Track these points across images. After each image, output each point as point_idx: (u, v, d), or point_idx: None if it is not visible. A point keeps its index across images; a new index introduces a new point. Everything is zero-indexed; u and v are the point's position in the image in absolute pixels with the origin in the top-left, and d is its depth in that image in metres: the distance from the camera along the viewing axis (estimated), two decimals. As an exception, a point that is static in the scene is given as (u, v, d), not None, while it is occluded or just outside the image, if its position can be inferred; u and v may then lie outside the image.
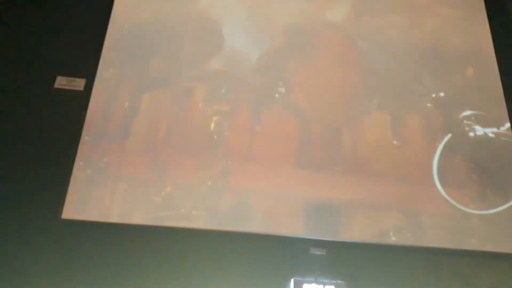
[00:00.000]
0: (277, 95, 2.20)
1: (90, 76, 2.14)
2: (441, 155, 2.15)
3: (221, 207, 1.93)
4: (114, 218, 1.87)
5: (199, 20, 2.34)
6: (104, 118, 2.06)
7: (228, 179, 1.99)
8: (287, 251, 1.91)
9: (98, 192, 1.91)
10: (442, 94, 2.31)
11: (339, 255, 1.93)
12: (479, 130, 2.24)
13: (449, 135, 2.21)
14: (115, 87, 2.13)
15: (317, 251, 1.93)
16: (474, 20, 2.58)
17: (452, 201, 2.07)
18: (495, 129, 2.25)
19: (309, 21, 2.43)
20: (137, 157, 1.99)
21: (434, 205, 2.05)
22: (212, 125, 2.09)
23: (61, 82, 2.13)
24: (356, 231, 1.97)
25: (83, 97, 2.09)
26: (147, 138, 2.03)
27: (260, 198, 1.97)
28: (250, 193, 1.97)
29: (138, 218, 1.88)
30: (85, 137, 2.00)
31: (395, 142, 2.17)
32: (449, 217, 2.04)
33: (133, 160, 1.98)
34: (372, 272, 1.91)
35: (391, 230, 1.98)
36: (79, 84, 2.13)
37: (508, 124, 2.27)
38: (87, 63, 2.18)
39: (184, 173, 1.98)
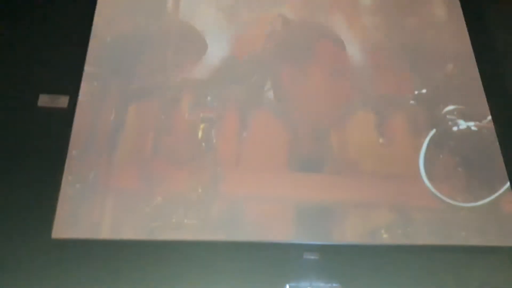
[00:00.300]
0: (263, 100, 2.22)
1: (74, 92, 2.13)
2: (426, 150, 2.18)
3: (212, 215, 1.93)
4: (105, 232, 1.85)
5: (181, 30, 2.34)
6: (91, 132, 2.05)
7: (219, 186, 1.99)
8: (281, 258, 1.91)
9: (88, 206, 1.89)
10: (424, 91, 2.35)
11: (333, 258, 1.94)
12: (462, 124, 2.28)
13: (433, 131, 2.24)
14: (99, 101, 2.12)
15: (310, 256, 1.94)
16: (451, 18, 2.63)
17: (440, 195, 2.09)
18: (477, 122, 2.30)
19: (292, 26, 2.45)
20: (125, 169, 1.98)
21: (423, 200, 2.08)
22: (200, 133, 2.09)
23: (44, 100, 2.11)
24: (348, 231, 1.98)
25: (68, 114, 2.07)
26: (134, 149, 2.03)
27: (251, 204, 1.97)
28: (241, 199, 1.97)
29: (129, 230, 1.87)
30: (72, 151, 1.98)
31: (381, 140, 2.19)
32: (438, 211, 2.06)
33: (122, 172, 1.97)
34: (367, 273, 1.92)
35: (382, 228, 2.00)
36: (63, 101, 2.12)
37: (489, 117, 2.31)
38: (70, 79, 2.16)
39: (174, 183, 1.97)
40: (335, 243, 1.95)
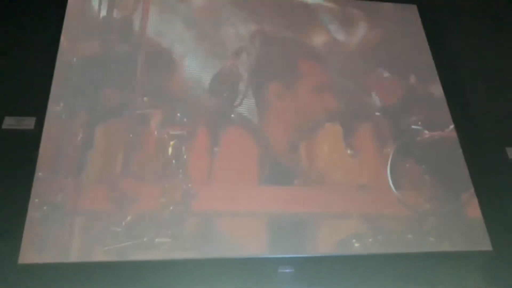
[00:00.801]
0: (232, 115, 2.23)
1: (40, 113, 2.08)
2: (393, 160, 2.24)
3: (184, 232, 1.91)
4: (74, 255, 1.81)
5: (148, 49, 2.34)
6: (58, 154, 2.00)
7: (190, 203, 1.97)
8: (256, 273, 1.91)
9: (56, 228, 1.84)
10: (389, 102, 2.42)
11: (308, 270, 1.95)
12: (426, 134, 2.35)
13: (399, 141, 2.30)
14: (67, 121, 2.08)
15: (285, 270, 1.94)
16: (412, 32, 2.74)
17: (408, 203, 2.14)
18: (441, 132, 2.37)
19: (258, 41, 2.49)
20: (94, 189, 1.94)
21: (391, 209, 2.12)
22: (170, 150, 2.08)
23: (9, 122, 2.07)
24: (321, 242, 1.99)
25: (34, 135, 2.03)
26: (103, 169, 1.99)
27: (224, 220, 1.97)
28: (213, 216, 1.96)
29: (99, 251, 1.82)
30: (38, 173, 1.93)
31: (348, 151, 2.23)
32: (407, 219, 2.11)
33: (90, 192, 1.93)
34: (341, 283, 1.94)
35: (353, 238, 2.02)
36: (29, 123, 2.08)
37: (452, 126, 2.39)
38: (36, 100, 2.12)
39: (144, 201, 1.94)
40: (310, 255, 1.96)
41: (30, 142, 2.01)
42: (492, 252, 2.08)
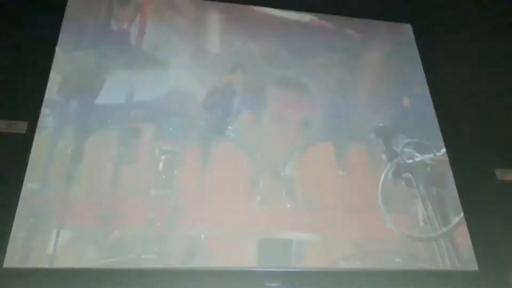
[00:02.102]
0: (226, 132, 2.22)
1: (32, 118, 2.07)
2: (384, 182, 2.25)
3: (171, 249, 1.90)
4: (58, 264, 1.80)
5: (144, 62, 2.34)
6: (48, 164, 1.99)
7: (179, 219, 1.96)
8: (243, 287, 1.90)
9: (41, 240, 1.83)
10: (381, 124, 2.43)
11: (295, 285, 1.94)
12: (418, 157, 2.37)
13: (391, 163, 2.31)
14: (58, 131, 2.07)
15: (272, 284, 1.94)
16: (406, 53, 2.76)
17: (398, 228, 2.15)
18: (432, 155, 2.39)
19: (254, 58, 2.49)
20: (82, 202, 1.93)
21: (380, 233, 2.12)
22: (161, 165, 2.07)
23: (1, 126, 2.04)
24: (308, 263, 1.99)
25: (26, 140, 2.02)
26: (93, 182, 1.98)
27: (212, 238, 1.96)
28: (200, 233, 1.95)
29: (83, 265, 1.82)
30: (27, 184, 1.92)
31: (340, 172, 2.24)
32: (396, 243, 2.11)
33: (78, 205, 1.92)
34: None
35: (341, 260, 2.02)
36: (21, 127, 2.06)
37: (443, 150, 2.41)
38: (28, 105, 2.11)
39: (132, 216, 1.93)
40: (296, 270, 1.96)
41: (22, 146, 2.00)
42: (478, 272, 2.10)
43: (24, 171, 1.94)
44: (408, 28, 2.85)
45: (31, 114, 2.08)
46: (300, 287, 1.95)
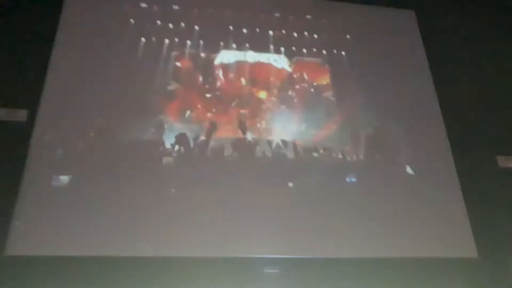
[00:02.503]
0: None
1: (32, 106, 2.09)
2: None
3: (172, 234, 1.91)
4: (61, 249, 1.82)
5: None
6: (50, 152, 2.00)
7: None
8: (242, 272, 1.92)
9: (43, 226, 1.84)
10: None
11: (293, 272, 1.95)
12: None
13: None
14: (59, 120, 2.08)
15: (271, 270, 1.95)
16: (409, 37, 2.75)
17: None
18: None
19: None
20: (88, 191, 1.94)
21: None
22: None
23: (1, 114, 2.06)
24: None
25: (26, 127, 2.04)
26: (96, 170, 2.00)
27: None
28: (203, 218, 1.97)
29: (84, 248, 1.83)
30: (29, 171, 1.93)
31: None
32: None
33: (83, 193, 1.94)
34: (325, 286, 1.95)
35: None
36: (22, 114, 2.07)
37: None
38: (29, 93, 2.12)
39: (131, 202, 1.94)
40: (295, 256, 1.97)
41: (22, 134, 2.02)
42: (477, 259, 2.11)
43: (25, 157, 1.95)
44: (412, 14, 2.84)
45: (32, 102, 2.09)
46: (298, 273, 1.96)
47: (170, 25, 2.48)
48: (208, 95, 2.37)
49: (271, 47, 2.55)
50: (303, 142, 2.28)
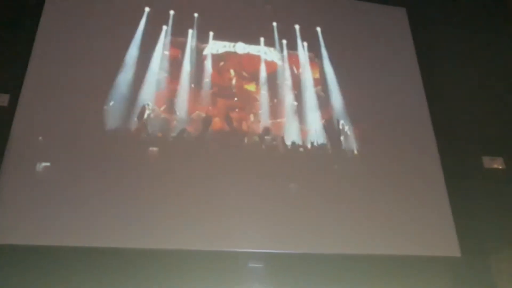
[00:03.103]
0: None
1: (14, 91, 2.04)
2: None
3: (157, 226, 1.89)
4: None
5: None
6: (30, 139, 1.96)
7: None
8: (226, 266, 1.90)
9: (26, 216, 1.80)
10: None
11: (277, 267, 1.95)
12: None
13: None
14: (40, 105, 2.04)
15: (255, 264, 1.94)
16: (399, 35, 2.75)
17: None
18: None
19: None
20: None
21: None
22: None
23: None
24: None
25: (7, 112, 1.99)
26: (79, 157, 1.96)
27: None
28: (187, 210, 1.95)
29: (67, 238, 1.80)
30: (10, 157, 1.89)
31: None
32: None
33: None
34: (310, 281, 1.95)
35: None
36: (3, 99, 2.03)
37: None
38: (11, 78, 2.07)
39: (115, 191, 1.91)
40: (280, 251, 1.96)
41: (3, 118, 1.98)
42: (460, 258, 2.11)
43: (5, 142, 1.91)
44: (402, 12, 2.84)
45: (14, 86, 2.05)
46: (283, 268, 1.95)
47: (158, 13, 2.43)
48: (194, 86, 2.33)
49: (262, 39, 2.52)
50: (292, 136, 2.26)
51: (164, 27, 2.40)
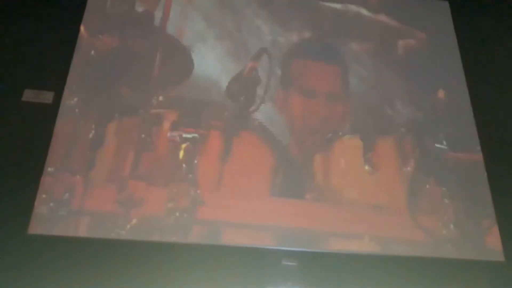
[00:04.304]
0: (249, 121, 2.17)
1: (59, 89, 2.09)
2: (412, 180, 2.16)
3: (189, 240, 1.89)
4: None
5: (168, 46, 2.29)
6: (69, 148, 1.99)
7: (197, 210, 1.95)
8: (259, 263, 1.90)
9: (60, 226, 1.85)
10: (414, 117, 2.32)
11: (312, 265, 1.92)
12: (451, 155, 2.26)
13: (421, 160, 2.21)
14: (79, 116, 2.07)
15: (289, 262, 1.92)
16: (444, 43, 2.59)
17: (425, 227, 2.07)
18: (466, 153, 2.27)
19: (280, 44, 2.41)
20: (101, 189, 1.93)
21: (406, 233, 2.05)
22: (181, 153, 2.04)
23: (29, 95, 2.07)
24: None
25: (52, 110, 2.04)
26: (112, 168, 1.98)
27: (230, 230, 1.94)
28: (219, 225, 1.94)
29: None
30: (48, 168, 1.93)
31: (366, 167, 2.16)
32: (422, 244, 2.04)
33: (97, 192, 1.92)
34: (345, 282, 1.91)
35: (362, 258, 1.98)
36: (47, 97, 2.07)
37: (478, 148, 2.29)
38: (55, 76, 2.12)
39: (151, 205, 1.93)
40: (315, 250, 1.94)
41: (48, 115, 2.03)
42: (504, 263, 2.03)
43: (50, 139, 1.97)
44: (445, 6, 2.69)
45: (58, 84, 2.09)
46: (317, 267, 1.93)
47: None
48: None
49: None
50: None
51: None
